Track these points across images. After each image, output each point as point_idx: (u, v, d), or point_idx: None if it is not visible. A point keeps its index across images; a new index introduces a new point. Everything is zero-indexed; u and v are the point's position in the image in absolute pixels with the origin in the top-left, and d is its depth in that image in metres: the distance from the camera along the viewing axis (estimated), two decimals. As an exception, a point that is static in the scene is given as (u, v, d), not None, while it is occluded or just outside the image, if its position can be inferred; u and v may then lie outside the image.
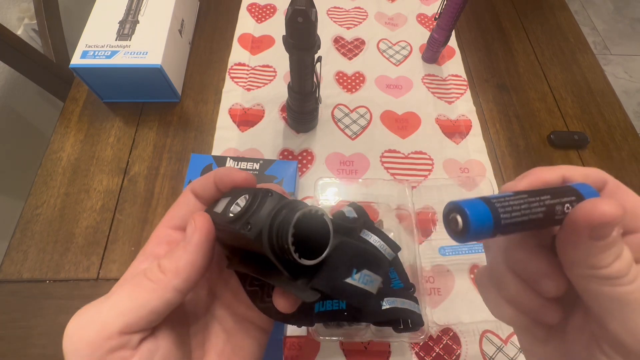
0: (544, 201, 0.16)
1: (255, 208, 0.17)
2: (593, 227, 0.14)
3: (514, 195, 0.16)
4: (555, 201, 0.16)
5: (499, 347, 0.40)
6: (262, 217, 0.16)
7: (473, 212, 0.15)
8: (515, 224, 0.15)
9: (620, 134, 0.58)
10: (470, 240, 0.15)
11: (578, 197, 0.16)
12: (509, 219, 0.15)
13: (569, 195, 0.16)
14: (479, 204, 0.15)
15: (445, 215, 0.17)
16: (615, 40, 1.82)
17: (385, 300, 0.34)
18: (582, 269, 0.15)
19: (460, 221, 0.15)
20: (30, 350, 0.38)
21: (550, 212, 0.16)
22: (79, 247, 0.44)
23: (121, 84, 0.52)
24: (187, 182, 0.39)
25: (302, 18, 0.33)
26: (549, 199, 0.16)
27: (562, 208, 0.16)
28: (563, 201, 0.16)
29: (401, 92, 0.59)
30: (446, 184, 0.50)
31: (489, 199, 0.15)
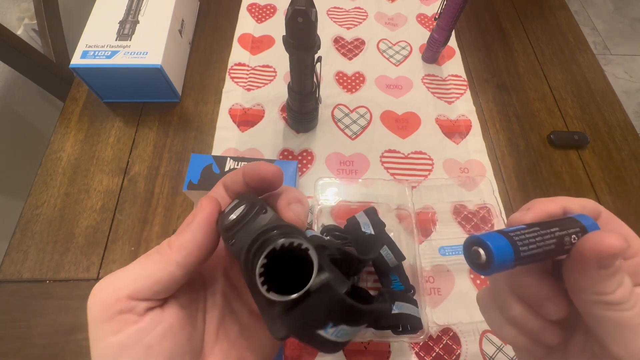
0: (554, 233, 0.17)
1: (245, 222, 0.17)
2: (600, 258, 0.16)
3: (528, 228, 0.17)
4: (563, 233, 0.17)
5: (499, 347, 0.40)
6: (247, 235, 0.16)
7: (496, 246, 0.16)
8: (533, 256, 0.17)
9: (620, 134, 0.58)
10: (493, 272, 0.17)
11: (582, 229, 0.18)
12: (527, 251, 0.17)
13: (573, 227, 0.18)
14: (499, 238, 0.17)
15: (467, 248, 0.18)
16: (615, 40, 1.82)
17: (396, 305, 0.34)
18: (588, 295, 0.17)
19: (484, 254, 0.17)
20: (30, 350, 0.38)
21: (560, 243, 0.17)
22: (79, 247, 0.44)
23: (121, 84, 0.52)
24: (187, 182, 0.39)
25: (302, 18, 0.33)
26: (558, 231, 0.17)
27: (569, 239, 0.17)
28: (570, 232, 0.17)
29: (401, 92, 0.59)
30: (446, 184, 0.50)
31: (507, 233, 0.17)
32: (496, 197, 0.48)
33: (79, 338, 0.39)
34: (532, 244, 0.17)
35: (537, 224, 0.18)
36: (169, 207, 0.47)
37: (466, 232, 0.47)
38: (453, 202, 0.49)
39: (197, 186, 0.39)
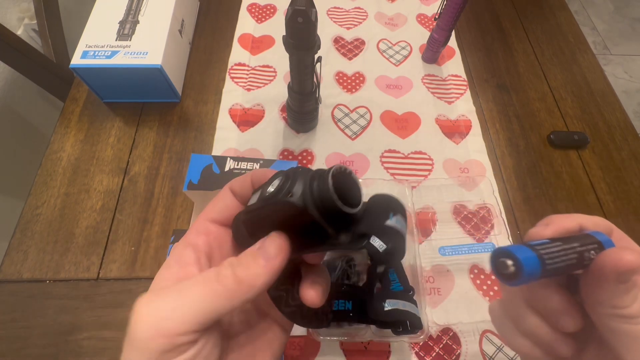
0: (575, 248, 0.18)
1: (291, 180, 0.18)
2: (619, 273, 0.17)
3: (551, 243, 0.18)
4: (583, 248, 0.18)
5: (499, 347, 0.40)
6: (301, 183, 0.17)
7: (524, 258, 0.17)
8: (557, 269, 0.18)
9: (620, 134, 0.58)
10: (521, 283, 0.17)
11: (599, 245, 0.19)
12: (552, 264, 0.17)
13: (591, 243, 0.19)
14: (526, 251, 0.17)
15: (494, 259, 0.18)
16: (615, 40, 1.82)
17: (387, 302, 0.34)
18: (605, 308, 0.18)
19: (512, 265, 0.17)
20: (30, 350, 0.38)
21: (580, 257, 0.18)
22: (79, 247, 0.44)
23: (121, 84, 0.52)
24: (187, 182, 0.39)
25: (302, 18, 0.33)
26: (579, 246, 0.18)
27: (588, 254, 0.18)
28: (589, 248, 0.18)
29: (401, 92, 0.59)
30: (446, 184, 0.50)
31: (533, 246, 0.18)
32: (496, 197, 0.48)
33: (79, 338, 0.39)
34: (557, 258, 0.18)
35: (559, 239, 0.19)
36: (169, 207, 0.47)
37: (466, 232, 0.47)
38: (453, 202, 0.49)
39: (197, 186, 0.39)
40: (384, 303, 0.34)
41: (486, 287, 0.44)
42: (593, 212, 0.50)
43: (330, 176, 0.17)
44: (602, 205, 0.51)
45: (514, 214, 0.49)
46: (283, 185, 0.17)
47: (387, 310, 0.34)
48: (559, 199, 0.51)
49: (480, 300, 0.43)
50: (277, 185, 0.18)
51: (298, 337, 0.39)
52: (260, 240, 0.19)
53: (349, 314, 0.34)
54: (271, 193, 0.18)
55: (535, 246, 0.18)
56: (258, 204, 0.19)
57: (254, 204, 0.19)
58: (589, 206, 0.51)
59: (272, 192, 0.18)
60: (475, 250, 0.45)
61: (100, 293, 0.41)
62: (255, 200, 0.19)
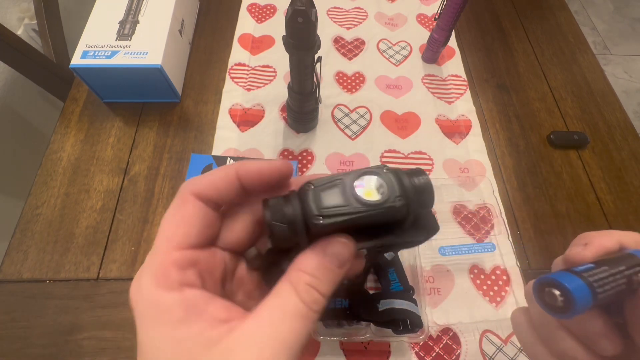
0: (623, 272, 0.17)
1: (395, 180, 0.17)
2: None
3: (597, 268, 0.17)
4: (631, 271, 0.17)
5: (499, 347, 0.40)
6: (400, 185, 0.17)
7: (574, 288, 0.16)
8: (608, 297, 0.16)
9: (620, 134, 0.58)
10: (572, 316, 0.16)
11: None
12: (603, 293, 0.16)
13: (637, 264, 0.17)
14: (574, 279, 0.16)
15: (538, 289, 0.17)
16: (615, 40, 1.82)
17: (382, 302, 0.34)
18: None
19: (560, 297, 0.16)
20: (30, 350, 0.38)
21: (630, 282, 0.17)
22: (79, 247, 0.44)
23: (121, 84, 0.52)
24: (187, 182, 0.39)
25: (302, 18, 0.33)
26: (626, 270, 0.17)
27: (637, 277, 0.17)
28: (636, 270, 0.17)
29: (401, 92, 0.59)
30: (446, 184, 0.50)
31: (580, 273, 0.16)
32: (496, 197, 0.48)
33: (79, 338, 0.39)
34: (607, 285, 0.16)
35: (603, 261, 0.18)
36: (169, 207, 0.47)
37: (466, 232, 0.47)
38: (453, 202, 0.49)
39: (197, 186, 0.39)
40: (378, 304, 0.34)
41: (486, 287, 0.44)
42: (593, 212, 0.50)
43: None
44: (602, 205, 0.51)
45: (514, 214, 0.49)
46: (391, 191, 0.17)
47: (381, 310, 0.34)
48: (559, 199, 0.51)
49: (480, 300, 0.43)
50: (385, 190, 0.17)
51: (298, 337, 0.39)
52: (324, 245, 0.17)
53: (346, 312, 0.34)
54: (377, 202, 0.17)
55: (581, 273, 0.16)
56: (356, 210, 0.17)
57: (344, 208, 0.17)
58: (589, 206, 0.51)
59: (380, 200, 0.17)
60: (475, 250, 0.45)
61: (100, 293, 0.41)
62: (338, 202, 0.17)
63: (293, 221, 0.17)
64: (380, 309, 0.34)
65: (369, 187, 0.17)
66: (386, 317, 0.34)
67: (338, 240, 0.17)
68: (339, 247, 0.16)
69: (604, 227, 0.49)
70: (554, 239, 0.48)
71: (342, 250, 0.17)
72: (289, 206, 0.17)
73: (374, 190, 0.17)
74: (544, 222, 0.49)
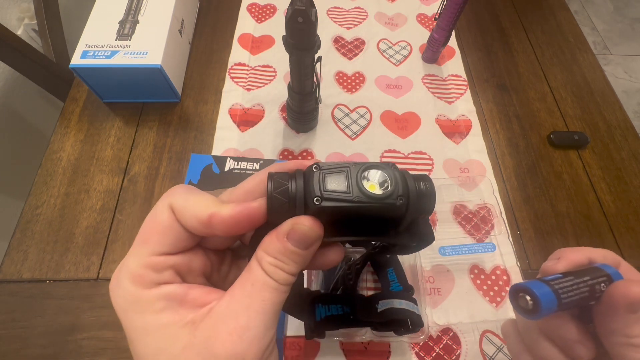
0: (587, 282, 0.20)
1: (399, 183, 0.17)
2: (629, 303, 0.18)
3: (564, 277, 0.20)
4: (594, 281, 0.20)
5: (499, 347, 0.40)
6: (410, 187, 0.18)
7: (541, 293, 0.19)
8: (572, 302, 0.19)
9: (620, 134, 0.58)
10: (540, 317, 0.19)
11: (608, 277, 0.20)
12: (567, 298, 0.19)
13: (601, 276, 0.20)
14: (543, 287, 0.19)
15: (513, 294, 0.20)
16: (615, 40, 1.82)
17: (380, 303, 0.34)
18: (617, 337, 0.19)
19: (530, 301, 0.19)
20: (30, 350, 0.38)
21: (592, 290, 0.20)
22: (79, 247, 0.44)
23: (121, 84, 0.52)
24: (187, 182, 0.39)
25: (302, 18, 0.33)
26: (590, 280, 0.20)
27: (599, 287, 0.20)
28: (599, 281, 0.20)
29: (401, 92, 0.59)
30: (446, 184, 0.50)
31: (548, 282, 0.19)
32: (496, 197, 0.48)
33: (79, 338, 0.39)
34: (571, 292, 0.19)
35: (571, 273, 0.20)
36: (169, 207, 0.47)
37: (466, 232, 0.47)
38: (453, 202, 0.49)
39: (197, 186, 0.39)
40: (377, 305, 0.34)
41: (486, 287, 0.44)
42: (593, 212, 0.50)
43: None
44: (602, 205, 0.51)
45: (514, 214, 0.49)
46: (395, 189, 0.17)
47: (380, 311, 0.34)
48: (559, 199, 0.51)
49: (481, 300, 0.43)
50: (388, 185, 0.17)
51: (298, 337, 0.39)
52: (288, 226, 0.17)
53: (349, 317, 0.34)
54: (380, 195, 0.17)
55: (550, 281, 0.19)
56: (357, 199, 0.17)
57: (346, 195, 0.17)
58: (589, 206, 0.51)
59: (382, 194, 0.17)
60: (475, 250, 0.45)
61: (100, 293, 0.41)
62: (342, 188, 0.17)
63: (294, 197, 0.17)
64: (380, 309, 0.34)
65: (374, 181, 0.17)
66: (386, 317, 0.34)
67: (302, 223, 0.17)
68: (303, 229, 0.17)
69: (604, 227, 0.49)
70: (554, 239, 0.48)
71: (308, 232, 0.17)
72: (292, 182, 0.17)
73: (377, 185, 0.17)
74: (544, 222, 0.49)
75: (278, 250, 0.17)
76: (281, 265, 0.17)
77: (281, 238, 0.17)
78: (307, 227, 0.17)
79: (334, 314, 0.33)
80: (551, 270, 0.22)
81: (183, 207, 0.17)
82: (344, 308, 0.34)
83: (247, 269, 0.17)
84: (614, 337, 0.19)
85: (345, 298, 0.35)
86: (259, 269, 0.17)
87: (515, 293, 0.20)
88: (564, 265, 0.22)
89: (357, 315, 0.33)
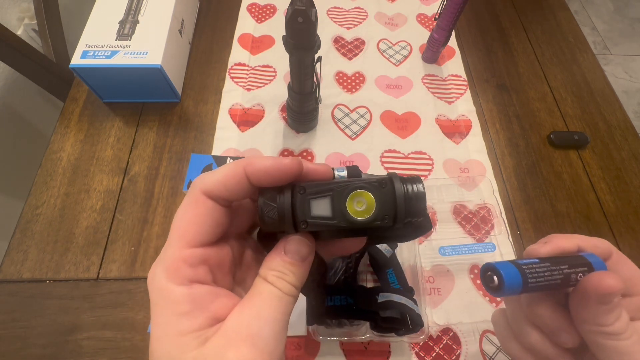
0: (562, 270, 0.20)
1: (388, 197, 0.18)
2: (599, 295, 0.19)
3: (540, 263, 0.20)
4: (571, 270, 0.20)
5: (499, 347, 0.40)
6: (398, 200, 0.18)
7: (507, 274, 0.20)
8: (539, 287, 0.20)
9: (620, 134, 0.58)
10: (503, 295, 0.20)
11: (589, 268, 0.21)
12: (534, 283, 0.20)
13: (582, 266, 0.21)
14: (511, 268, 0.20)
15: (483, 272, 0.21)
16: (615, 40, 1.82)
17: (381, 295, 0.35)
18: (590, 325, 0.20)
19: (496, 279, 0.20)
20: (30, 350, 0.38)
21: (566, 279, 0.20)
22: (79, 247, 0.44)
23: (121, 84, 0.52)
24: (187, 182, 0.39)
25: (302, 18, 0.33)
26: (567, 269, 0.20)
27: (575, 276, 0.20)
28: (577, 271, 0.20)
29: (401, 92, 0.59)
30: (446, 184, 0.50)
31: (519, 264, 0.20)
32: (496, 197, 0.48)
33: (79, 338, 0.39)
34: (540, 277, 0.20)
35: (549, 259, 0.21)
36: (169, 207, 0.47)
37: (466, 232, 0.47)
38: (453, 202, 0.49)
39: (197, 186, 0.39)
40: (377, 296, 0.35)
41: (486, 287, 0.44)
42: (593, 212, 0.50)
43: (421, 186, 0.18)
44: (602, 205, 0.51)
45: (514, 214, 0.49)
46: (380, 211, 0.17)
47: (380, 302, 0.34)
48: (559, 199, 0.51)
49: (481, 300, 0.43)
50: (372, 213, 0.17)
51: (298, 337, 0.39)
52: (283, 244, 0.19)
53: (352, 307, 0.34)
54: (367, 220, 0.17)
55: (522, 265, 0.20)
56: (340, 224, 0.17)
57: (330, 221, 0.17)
58: (589, 206, 0.51)
59: (369, 219, 0.17)
60: (475, 250, 0.45)
61: (100, 293, 0.41)
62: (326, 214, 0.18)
63: (282, 216, 0.18)
64: (380, 300, 0.34)
65: (359, 205, 0.17)
66: (385, 307, 0.34)
67: (296, 240, 0.19)
68: (297, 245, 0.19)
69: (604, 227, 0.49)
70: (554, 239, 0.48)
71: (301, 247, 0.19)
72: (281, 200, 0.18)
73: (363, 209, 0.17)
74: (544, 222, 0.49)
75: (278, 264, 0.18)
76: (283, 276, 0.18)
77: (280, 253, 0.19)
78: (300, 242, 0.19)
79: (336, 304, 0.34)
80: (533, 253, 0.22)
81: (215, 180, 0.18)
82: (347, 299, 0.34)
83: (254, 285, 0.18)
84: (587, 325, 0.20)
85: (347, 288, 0.36)
86: (264, 282, 0.18)
87: (485, 272, 0.21)
88: (548, 250, 0.22)
89: (358, 305, 0.34)
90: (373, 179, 0.18)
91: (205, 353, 0.16)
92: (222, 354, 0.16)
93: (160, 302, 0.17)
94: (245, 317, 0.17)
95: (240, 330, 0.16)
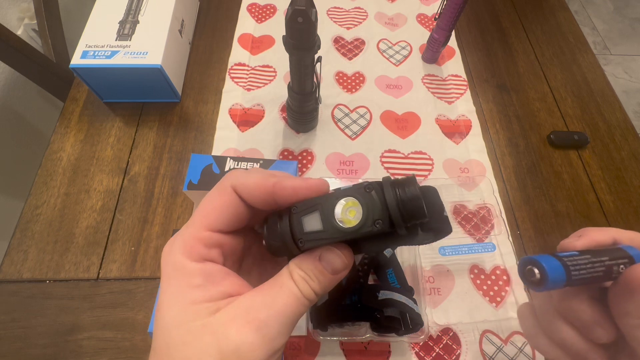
0: (604, 262, 0.19)
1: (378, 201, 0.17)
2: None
3: (580, 255, 0.20)
4: (612, 262, 0.19)
5: (499, 347, 0.40)
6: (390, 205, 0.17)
7: (550, 267, 0.19)
8: (583, 279, 0.19)
9: (620, 134, 0.58)
10: (545, 290, 0.19)
11: (629, 259, 0.20)
12: (578, 275, 0.19)
13: (622, 257, 0.20)
14: (553, 260, 0.19)
15: (522, 267, 0.20)
16: (615, 40, 1.82)
17: (381, 292, 0.35)
18: (632, 319, 0.19)
19: (538, 273, 0.19)
20: (30, 351, 0.38)
21: (608, 271, 0.19)
22: (79, 247, 0.44)
23: (121, 84, 0.52)
24: (187, 182, 0.39)
25: (302, 18, 0.33)
26: (608, 260, 0.19)
27: (617, 268, 0.19)
28: (619, 262, 0.20)
29: (401, 92, 0.59)
30: (446, 184, 0.50)
31: (560, 257, 0.19)
32: (496, 197, 0.48)
33: (79, 338, 0.39)
34: (583, 270, 0.19)
35: (589, 251, 0.20)
36: (169, 207, 0.47)
37: (466, 232, 0.47)
38: (453, 202, 0.49)
39: (197, 186, 0.39)
40: (378, 293, 0.35)
41: (486, 287, 0.44)
42: (593, 212, 0.50)
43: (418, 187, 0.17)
44: (602, 205, 0.51)
45: (514, 214, 0.49)
46: (369, 215, 0.17)
47: (381, 299, 0.34)
48: (559, 199, 0.51)
49: (481, 300, 0.43)
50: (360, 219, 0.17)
51: (298, 337, 0.39)
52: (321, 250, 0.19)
53: (357, 305, 0.34)
54: (356, 227, 0.17)
55: (562, 257, 0.19)
56: (333, 235, 0.17)
57: (323, 234, 0.18)
58: (589, 206, 0.51)
59: (357, 225, 0.17)
60: (475, 250, 0.45)
61: (100, 293, 0.41)
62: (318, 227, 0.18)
63: (284, 240, 0.18)
64: (380, 298, 0.35)
65: (346, 212, 0.17)
66: (385, 305, 0.34)
67: (334, 251, 0.19)
68: (333, 257, 0.19)
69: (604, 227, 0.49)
70: (554, 239, 0.48)
71: (336, 260, 0.19)
72: (282, 226, 0.19)
73: (351, 215, 0.17)
74: (544, 222, 0.49)
75: (309, 267, 0.18)
76: (308, 280, 0.18)
77: (315, 257, 0.19)
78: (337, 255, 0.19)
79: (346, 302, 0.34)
80: (569, 247, 0.22)
81: (246, 182, 0.19)
82: (352, 297, 0.34)
83: (279, 274, 0.19)
84: (629, 319, 0.19)
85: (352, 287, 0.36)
86: (289, 277, 0.18)
87: (524, 265, 0.20)
88: (584, 243, 0.21)
89: (362, 301, 0.34)
90: (361, 184, 0.18)
91: (213, 322, 0.17)
92: (226, 327, 0.16)
93: (173, 274, 0.18)
94: (258, 301, 0.17)
95: (249, 312, 0.17)
